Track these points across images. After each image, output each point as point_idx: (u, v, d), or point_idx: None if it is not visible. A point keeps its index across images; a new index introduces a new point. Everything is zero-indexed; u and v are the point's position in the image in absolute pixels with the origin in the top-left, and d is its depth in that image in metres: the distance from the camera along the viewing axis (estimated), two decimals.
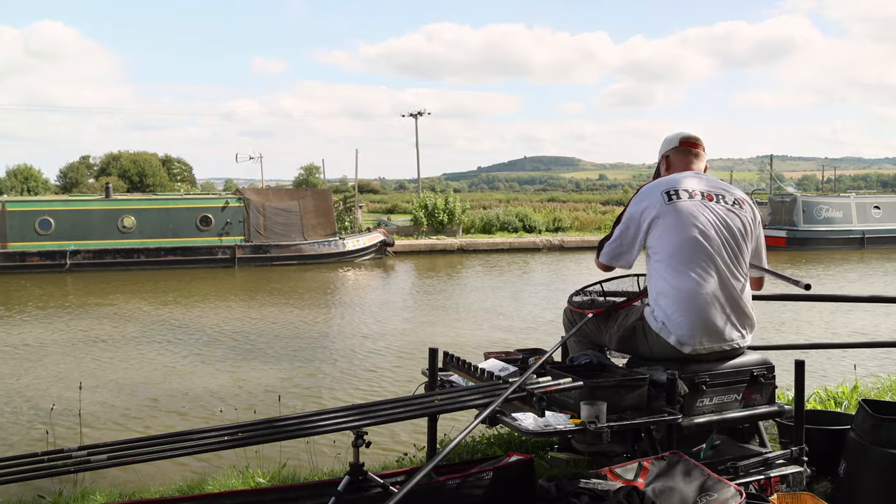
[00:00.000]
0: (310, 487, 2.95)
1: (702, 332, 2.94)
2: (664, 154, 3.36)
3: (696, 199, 3.05)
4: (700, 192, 3.09)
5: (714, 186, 3.14)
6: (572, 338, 3.43)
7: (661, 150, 3.39)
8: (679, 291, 2.94)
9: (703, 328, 2.94)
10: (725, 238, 3.02)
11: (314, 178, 61.72)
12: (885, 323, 11.02)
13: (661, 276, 3.01)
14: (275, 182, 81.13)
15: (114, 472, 4.76)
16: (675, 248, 2.98)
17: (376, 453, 4.79)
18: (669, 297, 2.97)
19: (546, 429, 2.63)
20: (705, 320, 2.93)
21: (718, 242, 2.99)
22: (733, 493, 2.38)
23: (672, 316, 2.96)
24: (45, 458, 2.16)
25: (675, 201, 3.03)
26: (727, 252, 3.00)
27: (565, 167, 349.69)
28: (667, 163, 3.34)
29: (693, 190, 3.08)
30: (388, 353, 9.46)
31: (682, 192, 3.06)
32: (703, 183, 3.14)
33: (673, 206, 3.02)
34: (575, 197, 65.67)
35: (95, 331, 11.30)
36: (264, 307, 13.71)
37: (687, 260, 2.96)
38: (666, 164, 3.34)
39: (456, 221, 27.37)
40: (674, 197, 3.05)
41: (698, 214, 3.01)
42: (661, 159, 3.38)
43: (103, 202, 20.91)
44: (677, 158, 3.30)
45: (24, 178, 51.45)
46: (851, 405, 4.56)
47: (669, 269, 2.98)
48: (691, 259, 2.96)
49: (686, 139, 3.31)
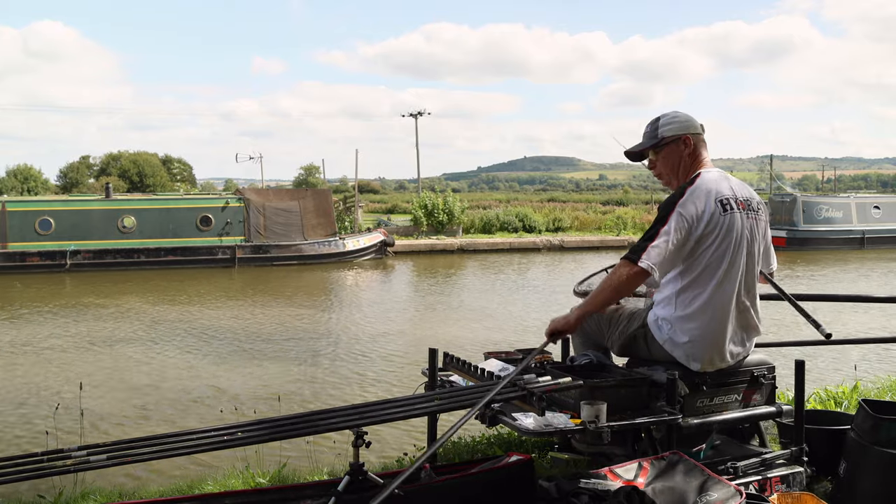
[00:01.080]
0: (310, 487, 2.94)
1: (714, 351, 2.88)
2: (685, 135, 2.96)
3: (743, 212, 2.87)
4: (742, 200, 2.90)
5: (742, 190, 2.97)
6: (576, 338, 3.39)
7: (676, 129, 2.98)
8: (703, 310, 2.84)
9: (716, 348, 2.88)
10: (756, 251, 2.94)
11: (314, 178, 61.72)
12: (886, 323, 11.01)
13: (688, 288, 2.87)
14: (275, 182, 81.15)
15: (114, 472, 4.76)
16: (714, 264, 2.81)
17: (376, 453, 4.80)
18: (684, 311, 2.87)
19: (546, 429, 2.63)
20: (720, 341, 2.87)
21: (748, 256, 2.89)
22: (733, 493, 2.37)
23: (683, 331, 2.88)
24: (45, 458, 2.16)
25: (728, 213, 2.81)
26: (750, 264, 2.92)
27: (565, 167, 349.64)
28: (689, 145, 2.96)
29: (738, 199, 2.88)
30: (388, 353, 9.46)
31: (732, 201, 2.85)
32: (737, 187, 2.95)
33: (727, 220, 2.80)
34: (575, 197, 65.66)
35: (95, 331, 11.29)
36: (264, 307, 13.71)
37: (714, 276, 2.82)
38: (689, 147, 2.96)
39: (456, 221, 27.38)
40: (728, 208, 2.82)
41: (745, 230, 2.85)
42: (683, 138, 2.96)
43: (103, 202, 20.90)
44: (699, 145, 2.99)
45: (24, 178, 51.45)
46: (851, 405, 4.56)
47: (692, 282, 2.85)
48: (726, 277, 2.83)
49: (703, 128, 3.04)
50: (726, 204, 2.82)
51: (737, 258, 2.84)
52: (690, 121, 3.01)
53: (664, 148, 2.99)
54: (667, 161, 3.00)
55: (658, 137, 2.99)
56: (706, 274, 2.82)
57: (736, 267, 2.84)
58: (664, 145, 2.98)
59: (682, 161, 2.97)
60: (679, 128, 2.97)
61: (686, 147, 2.96)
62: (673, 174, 3.00)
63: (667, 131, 2.98)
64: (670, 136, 2.97)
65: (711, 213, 2.78)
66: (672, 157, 2.98)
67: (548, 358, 3.43)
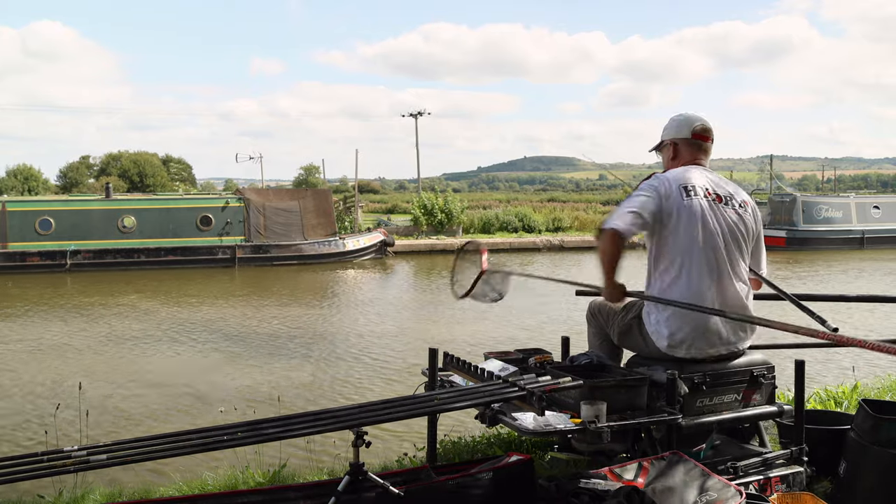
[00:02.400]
0: (310, 487, 2.95)
1: (699, 337, 2.92)
2: (672, 140, 3.15)
3: (710, 200, 2.96)
4: (713, 192, 2.99)
5: (723, 186, 3.07)
6: (591, 329, 3.41)
7: (667, 134, 3.18)
8: (680, 296, 2.90)
9: (701, 333, 2.92)
10: (732, 242, 2.98)
11: (314, 179, 61.66)
12: (886, 323, 11.01)
13: (662, 276, 2.98)
14: (275, 182, 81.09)
15: (114, 472, 4.76)
16: (683, 249, 2.91)
17: (376, 453, 4.79)
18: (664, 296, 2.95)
19: (546, 428, 2.63)
20: (704, 326, 2.91)
21: (725, 247, 2.95)
22: (733, 494, 2.38)
23: (669, 319, 2.94)
24: (45, 458, 2.16)
25: (693, 198, 2.92)
26: (732, 256, 2.97)
27: (565, 167, 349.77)
28: (674, 151, 3.14)
29: (707, 189, 2.98)
30: (388, 353, 9.46)
31: (698, 188, 2.95)
32: (714, 182, 3.04)
33: (689, 204, 2.91)
34: (575, 197, 65.63)
35: (95, 330, 11.29)
36: (264, 307, 13.71)
37: (692, 263, 2.91)
38: (672, 153, 3.14)
39: (455, 221, 27.38)
40: (691, 193, 2.93)
41: (709, 217, 2.93)
42: (668, 145, 3.17)
43: (103, 202, 20.90)
44: (686, 150, 3.12)
45: (24, 178, 51.42)
46: (851, 405, 4.56)
47: (672, 270, 2.94)
48: (697, 263, 2.91)
49: (699, 132, 3.11)
50: (690, 190, 2.95)
51: (708, 245, 2.91)
52: (683, 125, 3.15)
53: (662, 149, 3.24)
54: (663, 159, 3.25)
55: (660, 139, 3.25)
56: (677, 261, 2.93)
57: (708, 253, 2.91)
58: (663, 146, 3.24)
59: (668, 164, 3.19)
60: (670, 132, 3.19)
61: (671, 151, 3.18)
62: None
63: (664, 134, 3.21)
64: (665, 139, 3.21)
65: (672, 195, 2.93)
66: (664, 157, 3.24)
67: (548, 358, 3.44)
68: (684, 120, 3.14)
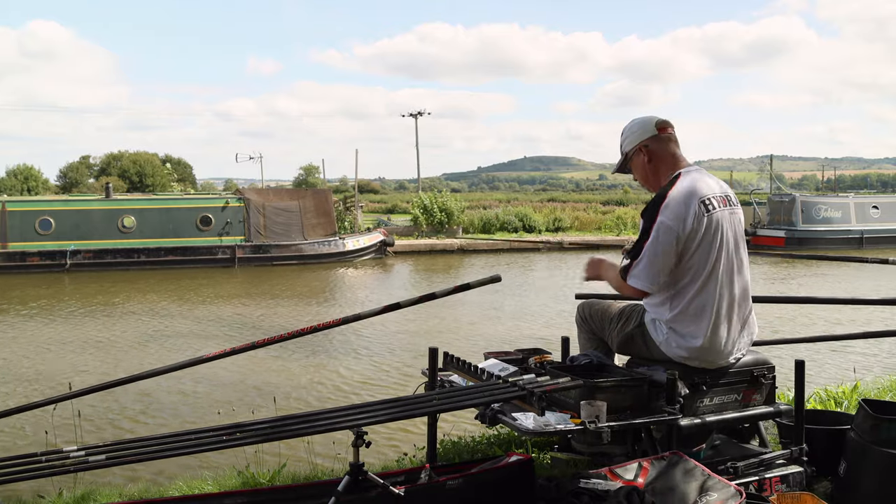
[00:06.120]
0: (310, 487, 2.95)
1: (710, 350, 2.89)
2: (641, 144, 3.00)
3: (725, 210, 2.90)
4: (722, 197, 2.92)
5: (724, 187, 3.01)
6: (583, 333, 3.39)
7: (632, 140, 3.02)
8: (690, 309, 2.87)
9: (712, 346, 2.89)
10: (741, 241, 2.97)
11: (314, 179, 61.66)
12: (888, 320, 11.00)
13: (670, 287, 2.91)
14: (275, 182, 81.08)
15: (113, 472, 4.76)
16: (705, 263, 2.84)
17: (376, 453, 4.79)
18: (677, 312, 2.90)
19: (546, 429, 2.63)
20: (715, 339, 2.88)
21: (736, 249, 2.92)
22: (733, 493, 2.37)
23: (679, 332, 2.90)
24: (44, 459, 2.16)
25: (713, 212, 2.84)
26: (738, 261, 2.94)
27: (565, 167, 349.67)
28: (648, 154, 2.99)
29: (720, 196, 2.90)
30: (388, 353, 9.46)
31: (715, 200, 2.86)
32: (717, 184, 2.97)
33: (709, 221, 2.82)
34: (575, 197, 65.59)
35: (95, 330, 11.29)
36: (264, 307, 13.71)
37: (712, 275, 2.85)
38: (647, 156, 2.99)
39: (455, 221, 27.38)
40: (710, 208, 2.84)
41: (727, 227, 2.88)
42: (638, 149, 3.01)
43: (103, 202, 20.90)
44: (660, 148, 2.99)
45: (24, 178, 51.41)
46: (851, 405, 4.55)
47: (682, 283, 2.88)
48: (717, 273, 2.85)
49: (662, 125, 3.00)
50: (709, 204, 2.85)
51: (723, 256, 2.87)
52: (644, 126, 3.02)
53: (630, 162, 3.08)
54: (637, 172, 3.10)
55: (623, 154, 3.10)
56: (696, 274, 2.85)
57: (724, 265, 2.87)
58: (630, 160, 3.08)
59: (646, 169, 3.03)
60: (633, 139, 3.04)
61: (645, 155, 3.01)
62: (647, 182, 3.07)
63: (626, 146, 3.07)
64: (630, 150, 3.05)
65: (695, 215, 2.80)
66: (638, 168, 3.07)
67: (547, 358, 3.43)
68: (642, 121, 3.04)
